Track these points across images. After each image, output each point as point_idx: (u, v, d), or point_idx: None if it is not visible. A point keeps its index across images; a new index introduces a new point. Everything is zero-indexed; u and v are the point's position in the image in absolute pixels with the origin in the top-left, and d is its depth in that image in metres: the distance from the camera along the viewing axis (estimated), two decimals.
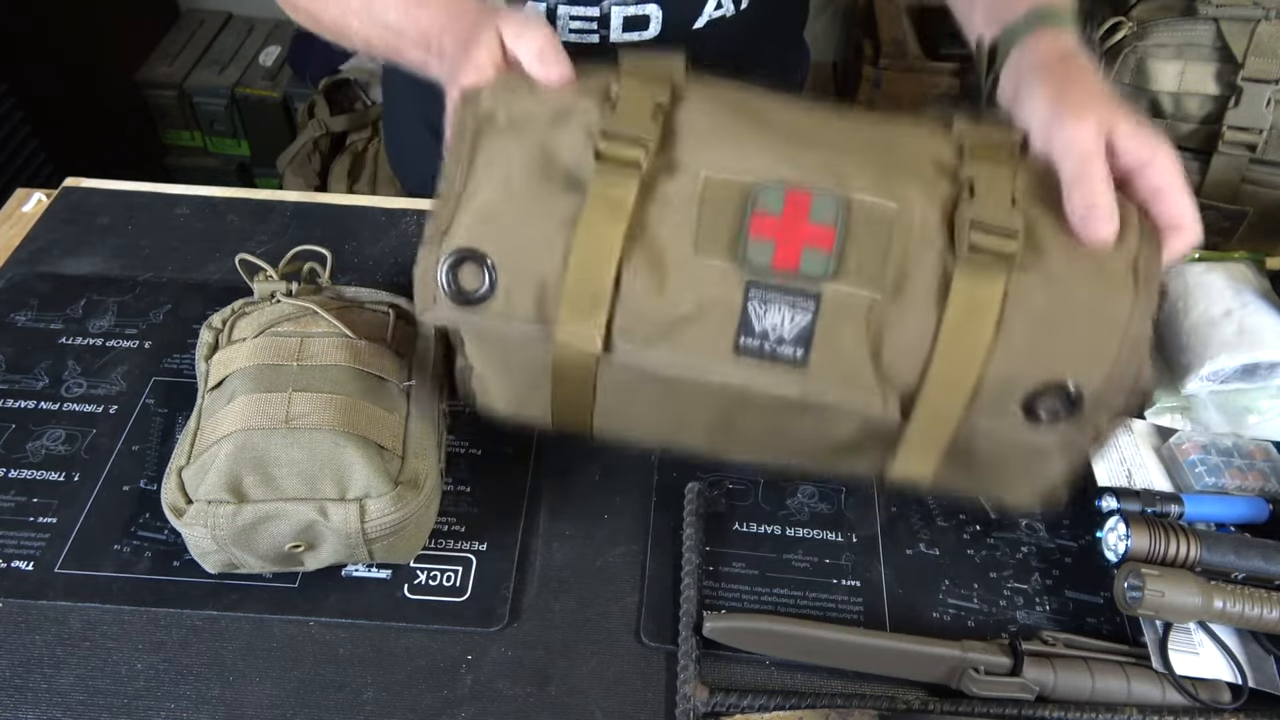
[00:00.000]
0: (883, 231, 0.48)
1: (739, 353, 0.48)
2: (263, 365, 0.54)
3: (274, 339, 0.56)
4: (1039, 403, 0.48)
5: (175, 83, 1.91)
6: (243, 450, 0.51)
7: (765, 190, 0.49)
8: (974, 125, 0.54)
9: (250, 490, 0.51)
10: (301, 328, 0.57)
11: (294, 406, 0.52)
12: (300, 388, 0.53)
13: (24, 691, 0.50)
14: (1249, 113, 0.88)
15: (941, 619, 0.55)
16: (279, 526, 0.51)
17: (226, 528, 0.50)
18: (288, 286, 0.60)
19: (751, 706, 0.50)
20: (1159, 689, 0.51)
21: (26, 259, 0.73)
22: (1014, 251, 0.47)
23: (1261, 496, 0.59)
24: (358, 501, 0.51)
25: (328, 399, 0.53)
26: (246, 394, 0.53)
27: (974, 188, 0.50)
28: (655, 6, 0.72)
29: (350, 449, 0.51)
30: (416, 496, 0.52)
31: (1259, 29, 0.87)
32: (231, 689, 0.51)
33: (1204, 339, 0.63)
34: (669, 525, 0.58)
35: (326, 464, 0.51)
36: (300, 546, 0.52)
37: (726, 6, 0.75)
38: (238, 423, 0.52)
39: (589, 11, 0.71)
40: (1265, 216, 0.93)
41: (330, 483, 0.51)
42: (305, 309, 0.58)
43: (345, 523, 0.50)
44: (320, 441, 0.51)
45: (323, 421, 0.52)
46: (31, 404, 0.63)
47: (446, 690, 0.51)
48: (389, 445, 0.53)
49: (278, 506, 0.50)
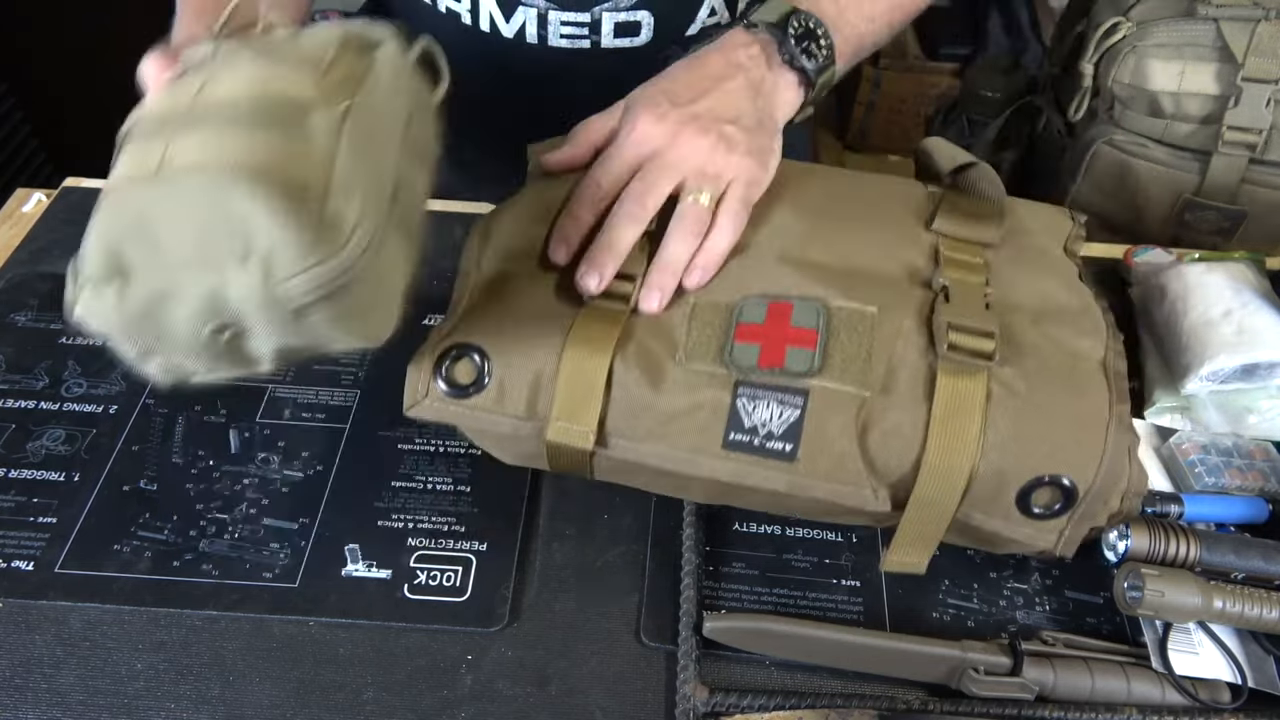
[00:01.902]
0: (864, 332, 0.51)
1: (728, 447, 0.50)
2: (156, 115, 0.43)
3: (175, 85, 0.45)
4: (1033, 498, 0.49)
5: None
6: (116, 212, 0.40)
7: (749, 304, 0.52)
8: (950, 217, 0.57)
9: (135, 262, 0.40)
10: (210, 71, 0.45)
11: (174, 150, 0.40)
12: (188, 127, 0.41)
13: (24, 691, 0.50)
14: (1249, 113, 0.88)
15: (941, 619, 0.55)
16: (179, 308, 0.41)
17: (117, 315, 0.40)
18: (212, 40, 0.47)
19: (751, 706, 0.50)
20: (1159, 689, 0.51)
21: (26, 259, 0.73)
22: (991, 350, 0.49)
23: (1261, 496, 0.59)
24: (261, 259, 0.39)
25: (216, 133, 0.41)
26: (124, 147, 0.42)
27: (949, 294, 0.52)
28: (646, 12, 0.72)
29: (241, 191, 0.39)
30: (338, 243, 0.40)
31: (1259, 29, 0.87)
32: (231, 689, 0.51)
33: (1204, 339, 0.63)
34: (669, 525, 0.58)
35: (216, 215, 0.39)
36: (225, 331, 0.42)
37: (720, 12, 0.75)
38: (111, 181, 0.41)
39: (580, 17, 0.71)
40: (1265, 216, 0.93)
41: (225, 239, 0.39)
42: (225, 49, 0.46)
43: (252, 288, 0.39)
44: (204, 188, 0.39)
45: (208, 159, 0.40)
46: (31, 404, 0.63)
47: (446, 690, 0.51)
48: (307, 182, 0.40)
49: (167, 278, 0.40)
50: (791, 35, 0.56)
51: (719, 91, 0.55)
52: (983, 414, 0.48)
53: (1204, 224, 0.96)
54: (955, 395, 0.48)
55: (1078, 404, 0.49)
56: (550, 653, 0.53)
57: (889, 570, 0.54)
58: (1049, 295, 0.54)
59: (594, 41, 0.73)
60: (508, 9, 0.71)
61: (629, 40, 0.74)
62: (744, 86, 0.56)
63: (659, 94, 0.56)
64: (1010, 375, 0.49)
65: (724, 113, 0.55)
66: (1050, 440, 0.48)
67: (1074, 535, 0.51)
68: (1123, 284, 0.74)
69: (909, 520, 0.50)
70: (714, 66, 0.57)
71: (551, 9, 0.70)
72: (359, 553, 0.56)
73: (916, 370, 0.49)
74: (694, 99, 0.55)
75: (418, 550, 0.57)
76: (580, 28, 0.72)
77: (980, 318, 0.51)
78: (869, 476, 0.50)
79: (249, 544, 0.56)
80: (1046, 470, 0.48)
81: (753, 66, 0.57)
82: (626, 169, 0.54)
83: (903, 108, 1.91)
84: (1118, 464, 0.48)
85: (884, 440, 0.49)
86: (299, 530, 0.57)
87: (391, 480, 0.60)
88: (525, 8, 0.71)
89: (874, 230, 0.56)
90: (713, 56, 0.57)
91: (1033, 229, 0.59)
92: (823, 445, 0.49)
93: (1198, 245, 0.90)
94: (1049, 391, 0.49)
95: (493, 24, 0.72)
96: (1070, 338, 0.52)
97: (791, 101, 0.59)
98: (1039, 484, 0.49)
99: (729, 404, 0.49)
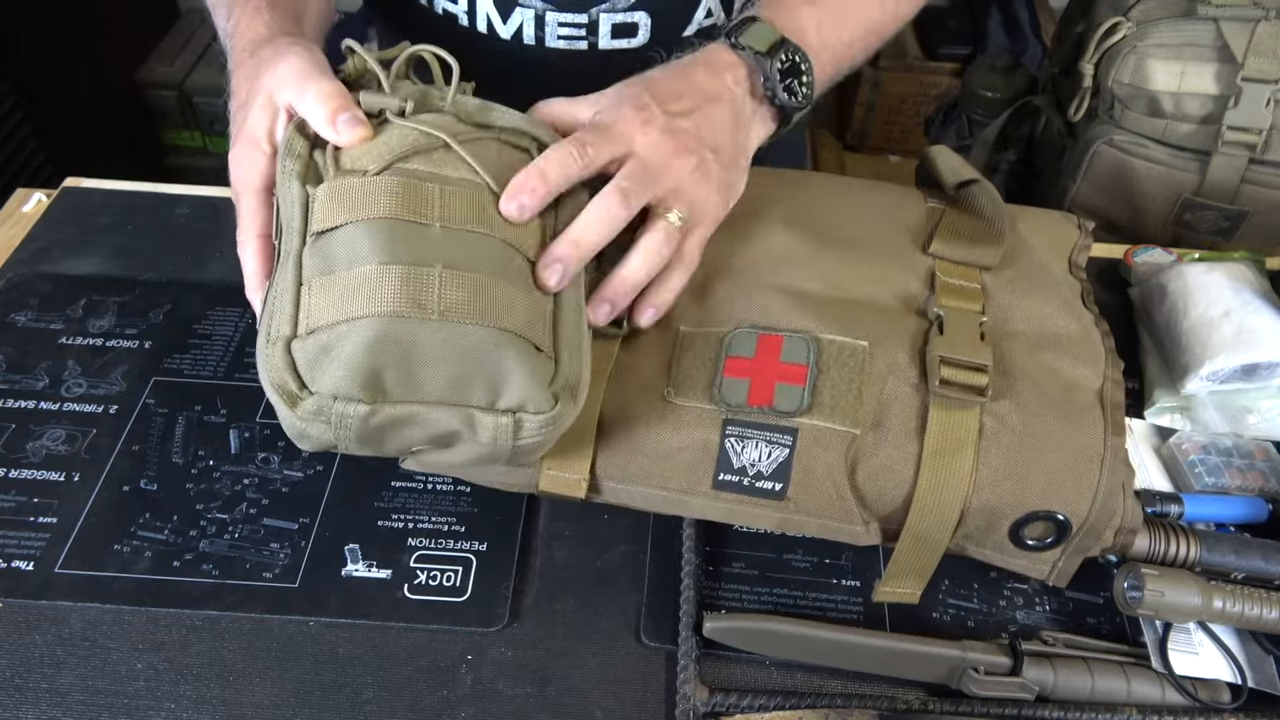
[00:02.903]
0: (855, 367, 0.50)
1: (718, 488, 0.50)
2: (398, 221, 0.43)
3: (408, 183, 0.44)
4: (1026, 530, 0.49)
5: (175, 83, 1.91)
6: (384, 341, 0.41)
7: (739, 335, 0.51)
8: (948, 240, 0.56)
9: (391, 388, 0.42)
10: (435, 167, 0.45)
11: (447, 291, 0.42)
12: (450, 263, 0.43)
13: (24, 691, 0.50)
14: (1249, 113, 0.88)
15: (941, 619, 0.55)
16: (414, 431, 0.44)
17: (357, 429, 0.42)
18: (400, 104, 0.47)
19: (751, 706, 0.50)
20: (1159, 689, 0.51)
21: (26, 259, 0.73)
22: (984, 384, 0.49)
23: (1261, 496, 0.59)
24: (511, 414, 0.43)
25: (482, 283, 0.43)
26: (382, 262, 0.42)
27: (942, 325, 0.51)
28: (644, 14, 0.72)
29: (509, 352, 0.42)
30: (574, 410, 0.45)
31: (1259, 29, 0.87)
32: (231, 689, 0.51)
33: (1203, 339, 0.63)
34: (669, 525, 0.58)
35: (480, 366, 0.42)
36: (428, 450, 0.45)
37: (717, 14, 0.75)
38: (377, 303, 0.41)
39: (577, 19, 0.71)
40: (1265, 216, 0.93)
41: (481, 389, 0.43)
42: (434, 139, 0.46)
43: (495, 437, 0.43)
44: (477, 341, 0.42)
45: (479, 313, 0.42)
46: (31, 404, 0.63)
47: (446, 690, 0.51)
48: (543, 345, 0.44)
49: (418, 411, 0.42)
50: (778, 69, 0.55)
51: (706, 112, 0.53)
52: (975, 449, 0.48)
53: (1204, 224, 0.96)
54: (947, 431, 0.48)
55: (1072, 437, 0.49)
56: (550, 653, 0.53)
57: (882, 600, 0.54)
58: (1047, 321, 0.54)
59: (591, 43, 0.73)
60: (505, 10, 0.71)
61: (626, 41, 0.74)
62: (728, 113, 0.54)
63: (644, 93, 0.53)
64: (1004, 408, 0.49)
65: (708, 137, 0.53)
66: (1044, 475, 0.48)
67: (1068, 567, 0.51)
68: (1123, 284, 0.74)
69: (901, 554, 0.50)
70: (701, 81, 0.54)
71: (549, 10, 0.70)
72: (359, 553, 0.56)
73: (909, 405, 0.49)
74: (682, 111, 0.53)
75: (418, 550, 0.57)
76: (578, 29, 0.72)
77: (974, 351, 0.50)
78: (859, 512, 0.50)
79: (249, 544, 0.56)
80: (1040, 505, 0.48)
81: (738, 92, 0.55)
82: (605, 158, 0.50)
83: (903, 108, 1.91)
84: (1112, 500, 0.48)
85: (874, 477, 0.49)
86: (299, 530, 0.57)
87: (391, 480, 0.60)
88: (522, 9, 0.71)
89: (869, 254, 0.56)
90: (699, 70, 0.55)
91: (1035, 245, 0.58)
92: (812, 484, 0.49)
93: (1198, 245, 0.90)
94: (1044, 424, 0.49)
95: (490, 25, 0.72)
96: (1067, 367, 0.52)
97: (764, 136, 0.57)
98: (1033, 518, 0.48)
99: (718, 444, 0.49)
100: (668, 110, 0.52)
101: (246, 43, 0.55)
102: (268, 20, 0.56)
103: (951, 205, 0.58)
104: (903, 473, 0.49)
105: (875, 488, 0.49)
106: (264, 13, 0.56)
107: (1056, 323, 0.54)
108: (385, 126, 0.47)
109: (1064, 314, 0.54)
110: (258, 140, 0.51)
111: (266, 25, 0.55)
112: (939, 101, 1.74)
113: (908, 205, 0.60)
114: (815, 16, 0.58)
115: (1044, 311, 0.54)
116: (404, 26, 0.77)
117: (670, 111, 0.52)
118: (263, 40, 0.54)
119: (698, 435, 0.50)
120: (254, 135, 0.51)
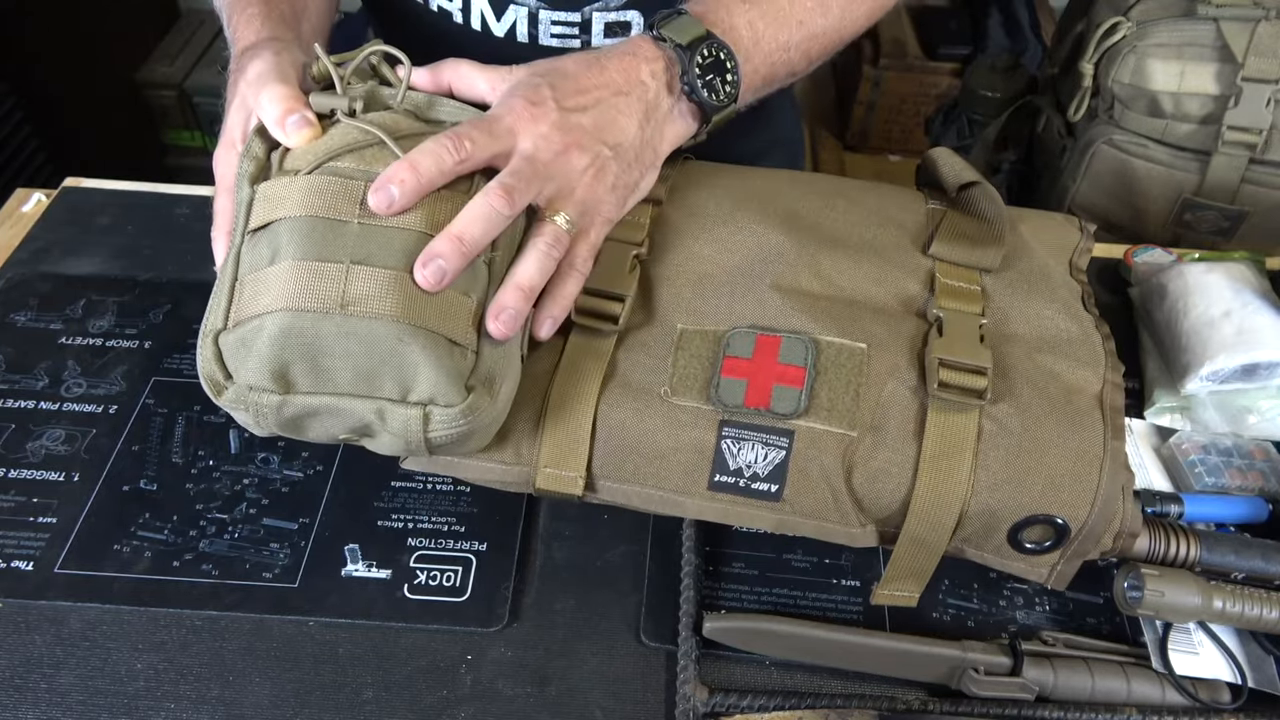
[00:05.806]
0: (853, 370, 0.50)
1: (714, 489, 0.50)
2: (316, 219, 0.45)
3: (332, 181, 0.46)
4: (1025, 534, 0.49)
5: (175, 83, 1.91)
6: (289, 335, 0.43)
7: (737, 335, 0.51)
8: (948, 241, 0.56)
9: (298, 380, 0.44)
10: (367, 164, 0.46)
11: (351, 285, 0.43)
12: (360, 259, 0.44)
13: (24, 691, 0.50)
14: (1249, 113, 0.88)
15: (941, 619, 0.55)
16: (330, 421, 0.45)
17: (271, 417, 0.45)
18: (350, 104, 0.48)
19: (751, 706, 0.50)
20: (1159, 689, 0.51)
21: (26, 259, 0.73)
22: (984, 387, 0.49)
23: (1261, 496, 0.59)
24: (420, 407, 0.44)
25: (393, 279, 0.44)
26: (295, 259, 0.44)
27: (942, 327, 0.51)
28: (636, 13, 0.71)
29: (415, 345, 0.43)
30: (491, 405, 0.46)
31: (1259, 29, 0.87)
32: (231, 689, 0.51)
33: (1203, 339, 0.63)
34: (669, 525, 0.58)
35: (387, 361, 0.44)
36: (354, 438, 0.47)
37: None
38: (283, 298, 0.43)
39: (570, 17, 0.71)
40: (1265, 216, 0.93)
41: (391, 381, 0.44)
42: (370, 136, 0.47)
43: (405, 429, 0.45)
44: (381, 335, 0.43)
45: (385, 309, 0.43)
46: (31, 404, 0.63)
47: (446, 690, 0.51)
48: (461, 339, 0.45)
49: (328, 401, 0.44)
50: (698, 64, 0.53)
51: (609, 106, 0.51)
52: (974, 453, 0.48)
53: (1204, 224, 0.96)
54: (946, 434, 0.48)
55: (1072, 441, 0.49)
56: (550, 653, 0.53)
57: (880, 603, 0.54)
58: (1047, 323, 0.54)
59: (584, 41, 0.73)
60: (499, 8, 0.71)
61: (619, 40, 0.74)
62: (636, 107, 0.52)
63: (543, 84, 0.51)
64: (1003, 411, 0.49)
65: (608, 134, 0.51)
66: (1043, 479, 0.48)
67: (1066, 570, 0.51)
68: (1123, 284, 0.74)
69: (899, 557, 0.50)
70: (612, 74, 0.53)
71: (542, 8, 0.70)
72: (359, 553, 0.56)
73: (907, 408, 0.49)
74: (581, 106, 0.51)
75: (418, 550, 0.57)
76: (571, 27, 0.72)
77: (973, 353, 0.50)
78: (856, 515, 0.50)
79: (249, 544, 0.56)
80: (1039, 509, 0.48)
81: (652, 86, 0.53)
82: (486, 154, 0.48)
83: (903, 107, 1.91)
84: (1111, 504, 0.48)
85: (872, 480, 0.49)
86: (299, 530, 0.57)
87: (391, 480, 0.60)
88: (516, 7, 0.70)
89: (869, 255, 0.55)
90: (614, 63, 0.53)
91: (1035, 248, 0.58)
92: (808, 486, 0.49)
93: (1198, 245, 0.90)
94: (1043, 428, 0.49)
95: (484, 23, 0.72)
96: (1067, 370, 0.52)
97: (682, 134, 0.56)
98: (1031, 522, 0.48)
99: (714, 445, 0.49)
100: (564, 105, 0.50)
101: (240, 48, 0.56)
102: (259, 26, 0.57)
103: (952, 207, 0.58)
104: (901, 476, 0.48)
105: (873, 490, 0.49)
106: (256, 19, 0.57)
107: (1057, 325, 0.54)
108: (333, 126, 0.48)
109: (1064, 317, 0.54)
110: (233, 141, 0.53)
111: (257, 31, 0.56)
112: (939, 101, 1.74)
113: (908, 206, 0.59)
114: (749, 15, 0.56)
115: (1044, 314, 0.54)
116: (399, 24, 0.77)
117: (566, 107, 0.50)
118: (251, 44, 0.55)
119: (694, 436, 0.49)
120: (230, 136, 0.53)
